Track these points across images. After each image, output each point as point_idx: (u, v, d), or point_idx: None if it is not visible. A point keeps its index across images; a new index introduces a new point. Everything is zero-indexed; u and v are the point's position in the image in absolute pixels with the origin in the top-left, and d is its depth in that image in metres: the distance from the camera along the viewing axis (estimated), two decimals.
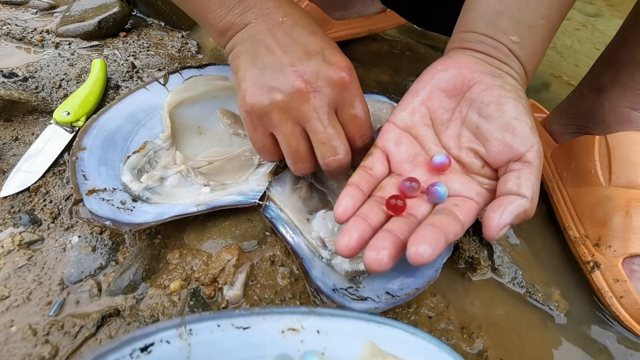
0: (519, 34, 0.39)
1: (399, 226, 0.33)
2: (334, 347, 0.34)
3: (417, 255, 0.29)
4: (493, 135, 0.36)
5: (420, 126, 0.40)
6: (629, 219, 0.47)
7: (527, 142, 0.35)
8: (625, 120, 0.50)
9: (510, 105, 0.36)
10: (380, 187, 0.38)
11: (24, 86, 0.60)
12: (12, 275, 0.42)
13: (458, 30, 0.43)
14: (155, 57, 0.72)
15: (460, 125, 0.39)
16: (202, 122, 0.56)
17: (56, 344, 0.38)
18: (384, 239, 0.32)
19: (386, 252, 0.31)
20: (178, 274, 0.43)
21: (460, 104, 0.39)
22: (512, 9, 0.39)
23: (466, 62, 0.39)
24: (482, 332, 0.44)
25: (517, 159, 0.35)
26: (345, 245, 0.32)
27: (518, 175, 0.34)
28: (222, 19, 0.43)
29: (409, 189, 0.36)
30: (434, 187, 0.35)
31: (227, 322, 0.34)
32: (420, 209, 0.36)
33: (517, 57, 0.39)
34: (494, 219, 0.32)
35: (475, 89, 0.38)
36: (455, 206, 0.34)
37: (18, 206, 0.48)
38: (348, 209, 0.35)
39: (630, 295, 0.45)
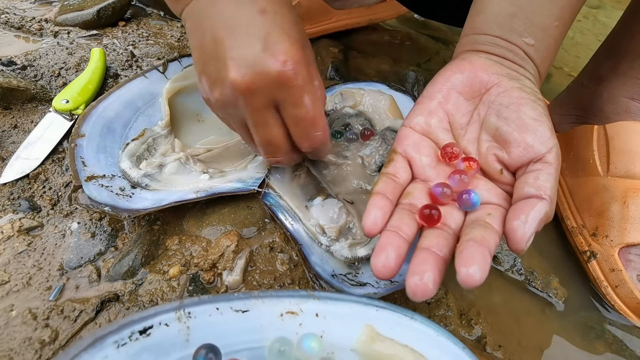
0: (533, 36, 0.38)
1: (437, 241, 0.31)
2: (332, 330, 0.35)
3: (469, 277, 0.27)
4: (513, 137, 0.35)
5: (439, 130, 0.39)
6: (626, 209, 0.47)
7: (548, 143, 0.34)
8: (623, 110, 0.50)
9: (530, 107, 0.35)
10: (407, 193, 0.36)
11: (22, 74, 0.60)
12: (12, 261, 0.42)
13: (469, 33, 0.42)
14: (154, 46, 0.71)
15: (478, 128, 0.38)
16: (201, 110, 0.56)
17: (56, 328, 0.38)
18: (425, 262, 0.30)
19: (430, 276, 0.29)
20: (177, 259, 0.44)
21: (478, 106, 0.38)
22: (525, 11, 0.38)
23: (482, 64, 0.38)
24: (480, 318, 0.44)
25: (537, 159, 0.34)
26: (383, 266, 0.30)
27: (537, 175, 0.33)
28: None
29: (441, 195, 0.34)
30: (468, 194, 0.34)
31: (225, 305, 0.34)
32: (453, 217, 0.34)
33: (531, 60, 0.39)
34: (519, 229, 0.30)
35: (494, 91, 0.37)
36: (489, 215, 0.33)
37: (17, 193, 0.48)
38: (378, 221, 0.32)
39: (625, 285, 0.45)
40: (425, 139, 0.39)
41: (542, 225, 0.32)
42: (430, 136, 0.39)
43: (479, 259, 0.28)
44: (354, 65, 0.79)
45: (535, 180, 0.33)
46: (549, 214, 0.32)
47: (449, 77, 0.39)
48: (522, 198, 0.33)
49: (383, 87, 0.59)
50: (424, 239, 0.32)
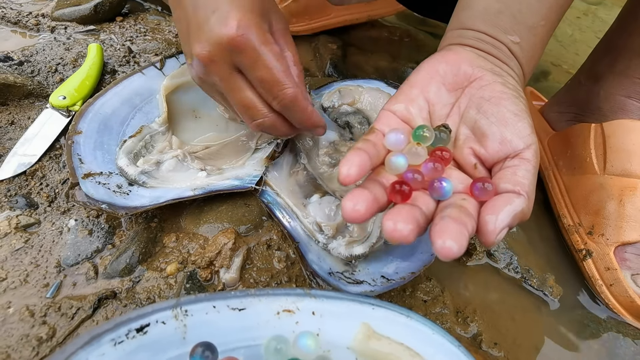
0: (519, 34, 0.38)
1: (410, 210, 0.30)
2: (328, 328, 0.35)
3: (445, 249, 0.26)
4: (491, 130, 0.34)
5: (418, 119, 0.38)
6: (622, 207, 0.47)
7: (527, 139, 0.34)
8: (620, 108, 0.50)
9: (511, 102, 0.35)
10: (378, 172, 0.35)
11: (19, 70, 0.59)
12: (9, 258, 0.42)
13: (454, 27, 0.41)
14: (152, 42, 0.71)
15: (458, 120, 0.38)
16: (198, 107, 0.56)
17: (53, 325, 0.38)
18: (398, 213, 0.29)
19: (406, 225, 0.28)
20: (174, 257, 0.44)
21: (459, 99, 0.38)
22: (512, 9, 0.38)
23: (467, 56, 0.38)
24: (476, 316, 0.45)
25: (514, 155, 0.33)
26: (352, 209, 0.29)
27: (514, 171, 0.32)
28: None
29: (412, 180, 0.33)
30: (440, 182, 0.32)
31: (222, 303, 0.34)
32: (425, 201, 0.32)
33: (516, 58, 0.39)
34: (490, 222, 0.29)
35: (476, 85, 0.37)
36: (463, 200, 0.32)
37: (14, 189, 0.48)
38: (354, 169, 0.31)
39: (620, 284, 0.46)
40: (404, 125, 0.38)
41: (516, 221, 0.31)
42: (410, 123, 0.38)
43: (454, 232, 0.27)
44: (353, 62, 0.79)
45: (512, 176, 0.32)
46: (525, 211, 0.31)
47: (433, 66, 0.39)
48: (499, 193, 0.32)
49: (381, 84, 0.59)
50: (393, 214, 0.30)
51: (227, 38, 0.37)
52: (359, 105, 0.57)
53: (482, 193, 0.31)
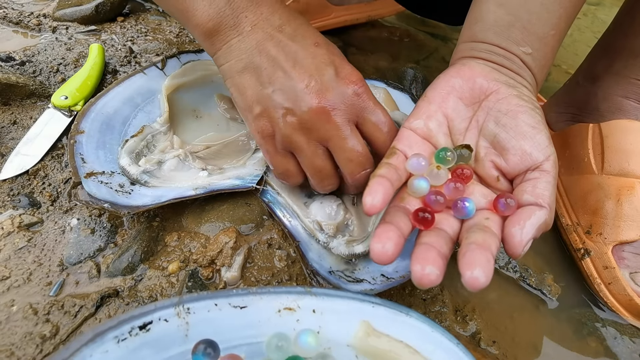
0: (530, 45, 0.38)
1: (436, 240, 0.31)
2: (329, 326, 0.35)
3: (474, 280, 0.28)
4: (511, 144, 0.35)
5: (439, 135, 0.39)
6: (620, 207, 0.47)
7: (546, 151, 0.35)
8: (617, 108, 0.51)
9: (528, 114, 0.36)
10: (402, 198, 0.36)
11: (21, 70, 0.60)
12: (13, 257, 0.42)
13: (466, 40, 0.42)
14: (153, 42, 0.72)
15: (477, 134, 0.38)
16: (200, 107, 0.56)
17: (57, 323, 0.38)
18: (427, 251, 0.30)
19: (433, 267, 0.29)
20: (176, 255, 0.44)
21: (477, 112, 0.38)
22: (522, 20, 0.38)
23: (481, 70, 0.39)
24: (475, 314, 0.45)
25: (535, 167, 0.34)
26: (381, 250, 0.30)
27: (535, 184, 0.33)
28: (211, 20, 0.40)
29: (434, 202, 0.34)
30: (462, 202, 0.34)
31: (224, 301, 0.34)
32: (449, 223, 0.34)
33: (529, 68, 0.39)
34: (517, 235, 0.31)
35: (492, 98, 0.37)
36: (487, 220, 0.33)
37: (17, 189, 0.48)
38: (379, 200, 0.32)
39: (618, 282, 0.46)
40: (425, 143, 0.39)
41: (540, 232, 0.32)
42: (429, 140, 0.39)
43: (482, 261, 0.28)
44: (353, 62, 0.77)
45: (533, 189, 0.33)
46: (548, 222, 0.32)
47: (448, 81, 0.39)
48: (522, 206, 0.33)
49: (381, 84, 0.59)
50: (422, 238, 0.32)
51: (352, 89, 0.39)
52: None
53: (506, 208, 0.33)
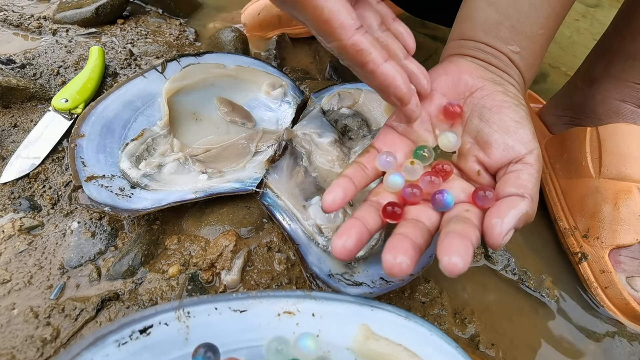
0: (518, 43, 0.39)
1: (411, 231, 0.31)
2: (328, 329, 0.35)
3: (452, 266, 0.27)
4: (494, 138, 0.35)
5: (420, 131, 0.39)
6: (617, 211, 0.48)
7: (529, 145, 0.35)
8: (615, 112, 0.51)
9: (512, 110, 0.36)
10: (376, 192, 0.37)
11: (21, 73, 0.60)
12: (13, 260, 0.43)
13: (455, 38, 0.42)
14: (153, 44, 0.72)
15: (461, 130, 0.38)
16: (199, 110, 0.57)
17: (57, 326, 0.39)
18: (400, 241, 0.30)
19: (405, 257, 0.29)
20: (176, 259, 0.44)
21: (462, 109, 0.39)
22: (511, 19, 0.38)
23: (468, 67, 0.39)
24: (474, 317, 0.45)
25: (517, 160, 0.34)
26: (342, 247, 0.31)
27: (518, 175, 0.33)
28: None
29: (410, 195, 0.34)
30: (441, 194, 0.34)
31: (224, 305, 0.34)
32: (427, 215, 0.34)
33: (517, 67, 0.39)
34: (497, 226, 0.30)
35: (477, 95, 0.38)
36: (467, 212, 0.33)
37: (18, 192, 0.48)
38: (338, 199, 0.33)
39: (615, 286, 0.46)
40: (403, 139, 0.39)
41: (521, 223, 0.32)
42: (409, 136, 0.39)
43: (460, 248, 0.28)
44: None
45: (516, 180, 0.33)
46: (530, 214, 0.32)
47: (434, 78, 0.40)
48: (503, 197, 0.33)
49: None
50: (398, 229, 0.32)
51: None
52: (357, 108, 0.58)
53: (484, 201, 0.33)
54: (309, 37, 0.82)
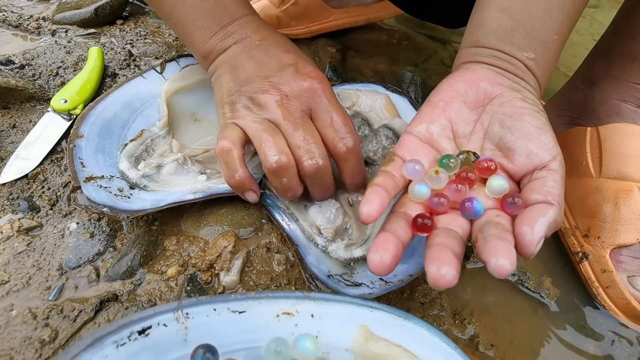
0: (533, 50, 0.39)
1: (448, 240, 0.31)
2: (327, 330, 0.35)
3: (499, 267, 0.27)
4: (517, 145, 0.36)
5: (441, 138, 0.39)
6: (618, 210, 0.48)
7: (552, 151, 0.35)
8: (615, 112, 0.51)
9: (533, 116, 0.36)
10: (402, 203, 0.36)
11: (20, 73, 0.60)
12: (12, 261, 0.43)
13: (468, 45, 0.42)
14: (152, 45, 0.72)
15: (482, 137, 0.38)
16: (199, 110, 0.57)
17: (56, 328, 0.38)
18: (441, 250, 0.29)
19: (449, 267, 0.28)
20: (175, 260, 0.44)
21: (481, 116, 0.39)
22: (525, 26, 0.38)
23: (485, 74, 0.39)
24: (473, 318, 0.45)
25: (542, 167, 0.34)
26: (379, 261, 0.30)
27: (543, 182, 0.33)
28: (205, 44, 0.47)
29: (437, 204, 0.34)
30: (470, 202, 0.33)
31: (223, 306, 0.34)
32: (458, 223, 0.33)
33: (532, 73, 0.39)
34: (527, 234, 0.30)
35: (497, 102, 0.38)
36: (498, 217, 0.32)
37: (16, 193, 0.48)
38: (375, 209, 0.32)
39: (616, 286, 0.46)
40: (426, 147, 0.39)
41: (551, 231, 0.32)
42: (432, 144, 0.39)
43: (504, 249, 0.28)
44: (352, 65, 0.79)
45: (542, 187, 0.33)
46: (558, 220, 0.32)
47: (452, 85, 0.40)
48: (530, 204, 0.33)
49: (379, 88, 0.60)
50: (433, 239, 0.31)
51: (308, 83, 0.43)
52: (357, 108, 0.57)
53: (513, 208, 0.33)
54: (308, 37, 0.82)
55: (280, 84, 0.43)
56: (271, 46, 0.46)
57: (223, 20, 0.47)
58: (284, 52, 0.46)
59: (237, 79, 0.44)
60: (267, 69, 0.44)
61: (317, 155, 0.41)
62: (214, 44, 0.47)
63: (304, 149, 0.41)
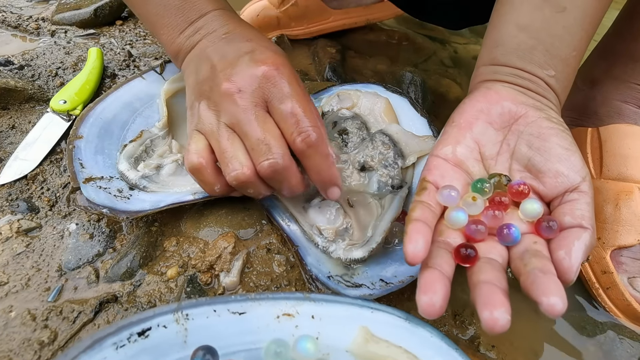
0: (553, 67, 0.39)
1: (494, 275, 0.30)
2: (328, 332, 0.35)
3: (552, 307, 0.27)
4: (547, 167, 0.35)
5: (470, 161, 0.38)
6: (618, 211, 0.48)
7: (581, 172, 0.35)
8: (616, 113, 0.51)
9: (560, 136, 0.36)
10: (440, 231, 0.35)
11: (20, 74, 0.60)
12: (11, 262, 0.42)
13: (486, 63, 0.42)
14: (151, 45, 0.72)
15: (509, 158, 0.38)
16: None
17: (55, 329, 0.38)
18: (493, 292, 0.29)
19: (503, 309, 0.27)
20: (175, 261, 0.44)
21: (507, 136, 0.38)
22: (545, 44, 0.38)
23: (508, 94, 0.39)
24: (474, 319, 0.45)
25: (572, 189, 0.34)
26: (429, 304, 0.29)
27: (574, 205, 0.33)
28: (173, 42, 0.46)
29: (475, 232, 0.34)
30: (508, 229, 0.33)
31: (223, 307, 0.34)
32: (498, 252, 0.33)
33: (553, 90, 0.39)
34: (566, 260, 0.30)
35: (522, 122, 0.38)
36: (536, 244, 0.32)
37: (16, 194, 0.48)
38: (421, 249, 0.31)
39: (616, 287, 0.46)
40: (456, 170, 0.38)
41: (587, 255, 0.32)
42: (461, 167, 0.38)
43: (555, 287, 0.28)
44: (351, 66, 0.79)
45: (575, 210, 0.33)
46: (592, 244, 0.32)
47: (475, 105, 0.39)
48: (564, 228, 0.33)
49: (379, 88, 0.59)
50: (479, 274, 0.31)
51: (262, 70, 0.39)
52: (356, 110, 0.57)
53: (549, 232, 0.33)
54: (308, 38, 0.82)
55: (233, 75, 0.40)
56: (235, 37, 0.43)
57: (191, 17, 0.45)
58: (245, 41, 0.43)
59: (198, 77, 0.42)
60: (224, 61, 0.41)
61: (272, 155, 0.38)
62: (182, 42, 0.45)
63: (259, 150, 0.38)
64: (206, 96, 0.41)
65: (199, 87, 0.42)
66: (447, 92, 0.77)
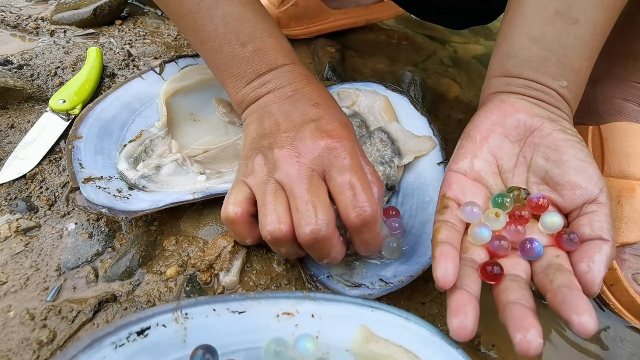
0: (566, 78, 0.39)
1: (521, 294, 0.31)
2: (328, 331, 0.35)
3: (583, 326, 0.27)
4: (565, 179, 0.36)
5: (488, 174, 0.39)
6: (621, 209, 0.47)
7: (599, 183, 0.35)
8: (617, 111, 0.51)
9: (576, 148, 0.36)
10: (465, 248, 0.36)
11: (19, 74, 0.60)
12: (10, 261, 0.42)
13: (498, 75, 0.42)
14: (151, 45, 0.71)
15: (525, 171, 0.38)
16: (198, 111, 0.56)
17: (54, 329, 0.38)
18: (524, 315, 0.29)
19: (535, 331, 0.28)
20: (174, 260, 0.44)
21: (523, 149, 0.38)
22: (557, 55, 0.38)
23: (522, 106, 0.39)
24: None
25: (591, 201, 0.35)
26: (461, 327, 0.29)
27: (593, 217, 0.34)
28: (239, 91, 0.45)
29: (499, 248, 0.34)
30: (530, 243, 0.34)
31: (222, 306, 0.34)
32: (522, 267, 0.34)
33: (565, 100, 0.39)
34: (589, 273, 0.31)
35: (537, 134, 0.38)
36: (558, 257, 0.33)
37: (14, 193, 0.48)
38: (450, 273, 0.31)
39: (620, 284, 0.46)
40: (475, 184, 0.38)
41: (608, 267, 0.32)
42: (480, 181, 0.38)
43: (584, 305, 0.28)
44: (351, 65, 0.79)
45: (593, 222, 0.33)
46: (613, 256, 0.32)
47: (489, 118, 0.39)
48: (584, 240, 0.33)
49: (379, 87, 0.59)
50: (507, 294, 0.31)
51: (326, 142, 0.38)
52: (356, 108, 0.57)
53: (570, 244, 0.33)
54: (307, 37, 0.82)
55: (296, 140, 0.39)
56: (302, 99, 0.43)
57: (260, 69, 0.44)
58: (312, 105, 0.42)
59: (260, 131, 0.42)
60: (289, 122, 0.41)
61: (316, 222, 0.35)
62: (247, 92, 0.45)
63: (304, 211, 0.36)
64: (264, 152, 0.41)
65: (259, 140, 0.42)
66: (446, 91, 0.77)
